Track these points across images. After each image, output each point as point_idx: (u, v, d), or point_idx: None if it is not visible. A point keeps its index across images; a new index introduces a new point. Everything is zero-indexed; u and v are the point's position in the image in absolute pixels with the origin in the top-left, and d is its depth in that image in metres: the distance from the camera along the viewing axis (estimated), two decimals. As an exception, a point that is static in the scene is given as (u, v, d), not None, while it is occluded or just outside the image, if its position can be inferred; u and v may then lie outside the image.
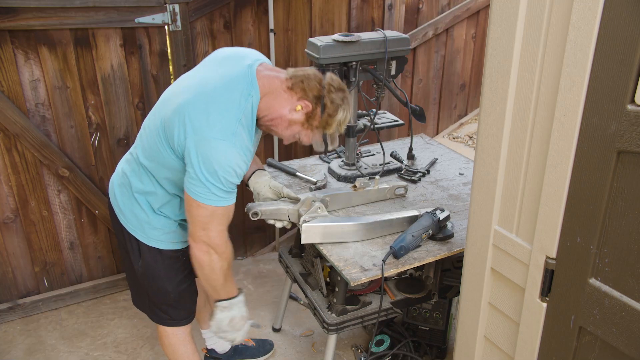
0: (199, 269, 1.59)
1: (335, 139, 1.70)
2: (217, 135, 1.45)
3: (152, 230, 1.70)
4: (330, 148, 1.76)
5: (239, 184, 1.55)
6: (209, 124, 1.45)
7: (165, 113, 1.53)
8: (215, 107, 1.47)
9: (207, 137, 1.44)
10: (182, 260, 1.77)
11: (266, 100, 1.56)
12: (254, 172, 1.94)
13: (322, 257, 1.99)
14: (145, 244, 1.71)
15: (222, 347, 2.30)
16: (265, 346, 2.42)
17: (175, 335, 1.92)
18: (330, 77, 1.63)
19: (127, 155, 1.76)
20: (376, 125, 2.30)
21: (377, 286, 2.03)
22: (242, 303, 1.70)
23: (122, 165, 1.75)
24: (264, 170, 1.97)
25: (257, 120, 1.60)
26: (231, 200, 1.54)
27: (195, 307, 1.93)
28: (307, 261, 2.20)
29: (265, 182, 1.92)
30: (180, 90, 1.56)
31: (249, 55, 1.63)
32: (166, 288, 1.78)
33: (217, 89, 1.51)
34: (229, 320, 1.67)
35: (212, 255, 1.55)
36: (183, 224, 1.74)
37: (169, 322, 1.87)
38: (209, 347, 2.31)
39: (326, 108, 1.58)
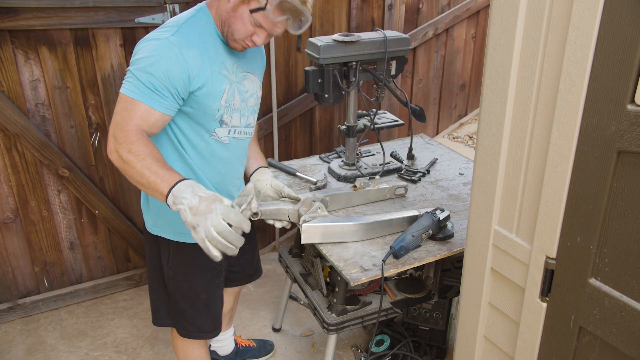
0: (122, 172, 1.42)
1: None
2: (154, 33, 1.48)
3: (180, 225, 1.64)
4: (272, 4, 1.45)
5: (169, 89, 1.42)
6: (149, 36, 1.49)
7: None
8: (163, 24, 1.53)
9: (143, 39, 1.48)
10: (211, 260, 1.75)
11: (215, 11, 1.55)
12: (256, 169, 1.93)
13: (322, 257, 1.99)
14: (176, 241, 1.68)
15: (224, 350, 2.31)
16: (265, 347, 2.43)
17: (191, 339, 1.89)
18: None
19: None
20: (376, 125, 2.30)
21: (377, 286, 2.03)
22: (192, 185, 1.32)
23: None
24: (267, 168, 1.96)
25: (225, 37, 1.56)
26: (155, 102, 1.41)
27: (221, 320, 1.90)
28: (307, 261, 2.20)
29: (267, 181, 1.90)
30: None
31: None
32: (197, 288, 1.74)
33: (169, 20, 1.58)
34: (190, 211, 1.28)
35: (121, 151, 1.37)
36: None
37: (196, 334, 1.82)
38: (211, 350, 2.31)
39: None
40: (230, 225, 1.28)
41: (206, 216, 1.26)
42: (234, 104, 1.61)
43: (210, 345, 2.31)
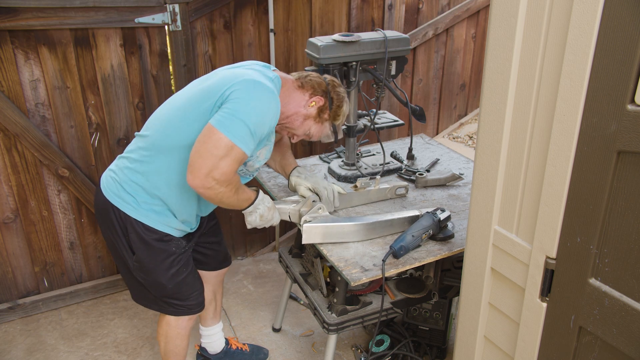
0: (209, 200, 1.60)
1: (340, 130, 1.86)
2: (262, 84, 1.56)
3: (145, 208, 1.70)
4: (339, 137, 1.89)
5: (259, 140, 1.59)
6: (256, 80, 1.58)
7: (207, 90, 1.62)
8: (258, 77, 1.61)
9: (255, 82, 1.55)
10: (175, 251, 1.77)
11: (282, 97, 1.70)
12: (294, 167, 2.03)
13: (322, 257, 1.99)
14: (135, 218, 1.69)
15: (213, 347, 2.30)
16: (259, 354, 2.39)
17: (175, 328, 1.93)
18: (330, 76, 1.86)
19: (123, 161, 1.75)
20: (376, 125, 2.30)
21: (377, 286, 2.02)
22: (263, 200, 1.77)
23: (120, 165, 1.76)
24: (299, 167, 2.04)
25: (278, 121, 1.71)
26: (250, 149, 1.55)
27: (202, 297, 1.93)
28: (307, 261, 2.20)
29: (303, 184, 1.97)
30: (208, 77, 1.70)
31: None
32: (161, 281, 1.78)
33: (249, 70, 1.65)
34: (259, 218, 1.77)
35: (217, 189, 1.54)
36: (176, 214, 1.75)
37: (174, 312, 1.88)
38: (201, 346, 2.31)
39: (334, 101, 1.78)
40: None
41: (270, 222, 1.81)
42: (260, 157, 1.76)
43: (201, 342, 2.31)
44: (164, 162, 1.65)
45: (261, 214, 1.76)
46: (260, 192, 1.78)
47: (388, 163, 2.35)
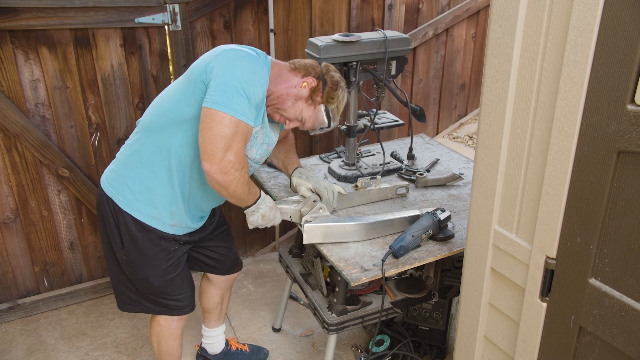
0: (222, 190, 1.58)
1: (336, 116, 1.80)
2: (244, 52, 1.58)
3: (140, 200, 1.70)
4: (332, 125, 1.80)
5: (256, 108, 1.58)
6: (237, 48, 1.60)
7: (191, 69, 1.63)
8: (240, 48, 1.64)
9: (235, 51, 1.57)
10: (166, 249, 1.77)
11: (273, 76, 1.68)
12: (296, 168, 2.01)
13: (322, 257, 1.99)
14: (126, 212, 1.70)
15: (213, 349, 2.30)
16: (259, 354, 2.39)
17: (166, 328, 1.93)
18: (326, 62, 1.83)
19: (122, 149, 1.79)
20: (376, 125, 2.30)
21: (377, 286, 2.03)
22: (264, 200, 1.75)
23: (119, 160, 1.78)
24: (301, 168, 2.03)
25: (268, 101, 1.70)
26: (252, 119, 1.55)
27: (191, 300, 1.92)
28: (307, 261, 2.20)
29: (304, 184, 1.96)
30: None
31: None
32: (147, 278, 1.78)
33: (229, 44, 1.67)
34: (261, 218, 1.76)
35: (233, 173, 1.54)
36: (174, 212, 1.75)
37: (160, 312, 1.88)
38: (201, 347, 2.31)
39: (327, 84, 1.73)
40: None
41: (272, 222, 1.79)
42: (258, 140, 1.73)
43: (201, 342, 2.31)
44: (159, 139, 1.65)
45: (263, 213, 1.75)
46: (262, 192, 1.78)
47: (388, 163, 2.35)
